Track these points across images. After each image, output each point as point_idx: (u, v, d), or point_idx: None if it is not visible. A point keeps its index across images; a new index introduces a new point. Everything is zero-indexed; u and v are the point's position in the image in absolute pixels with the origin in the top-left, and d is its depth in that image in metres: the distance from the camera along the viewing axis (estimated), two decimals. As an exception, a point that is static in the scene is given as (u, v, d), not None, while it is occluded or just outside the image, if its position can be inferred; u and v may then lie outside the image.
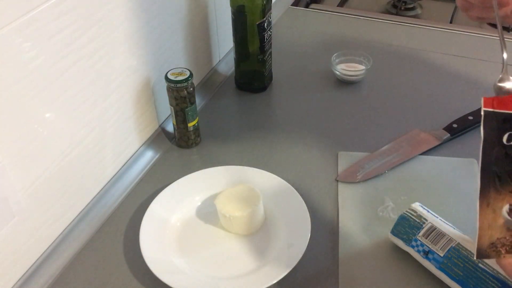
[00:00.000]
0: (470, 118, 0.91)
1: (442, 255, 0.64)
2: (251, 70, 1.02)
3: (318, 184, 0.83)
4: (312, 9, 1.36)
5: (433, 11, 1.40)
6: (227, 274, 0.70)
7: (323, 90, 1.04)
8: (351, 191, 0.81)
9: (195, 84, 0.88)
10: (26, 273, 0.69)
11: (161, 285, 0.66)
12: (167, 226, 0.75)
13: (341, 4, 1.43)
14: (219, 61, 1.11)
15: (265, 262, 0.70)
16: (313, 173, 0.85)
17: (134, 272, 0.71)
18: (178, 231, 0.76)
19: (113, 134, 0.81)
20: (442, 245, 0.65)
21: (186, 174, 0.81)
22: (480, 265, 0.62)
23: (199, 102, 1.00)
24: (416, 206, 0.70)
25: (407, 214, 0.69)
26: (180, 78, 0.82)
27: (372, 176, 0.83)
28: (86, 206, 0.78)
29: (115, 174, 0.84)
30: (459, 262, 0.63)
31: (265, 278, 0.67)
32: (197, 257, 0.72)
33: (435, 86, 1.03)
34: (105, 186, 0.82)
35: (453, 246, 0.64)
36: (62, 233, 0.75)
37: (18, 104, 0.61)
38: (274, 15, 1.26)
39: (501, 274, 0.60)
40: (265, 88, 1.04)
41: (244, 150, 0.90)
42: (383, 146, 0.89)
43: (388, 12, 1.39)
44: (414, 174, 0.84)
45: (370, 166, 0.84)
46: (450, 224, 0.68)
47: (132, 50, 0.80)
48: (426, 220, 0.67)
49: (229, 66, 1.10)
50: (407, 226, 0.68)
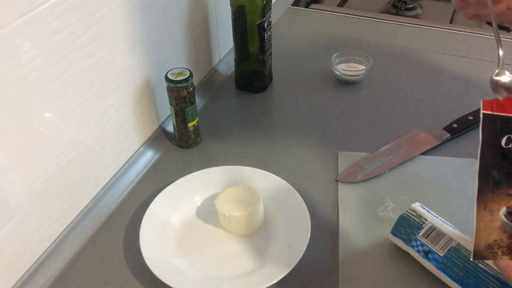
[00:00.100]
0: (470, 118, 0.91)
1: (442, 255, 0.64)
2: (251, 70, 1.02)
3: (318, 184, 0.83)
4: (312, 9, 1.36)
5: (433, 11, 1.40)
6: (227, 274, 0.70)
7: (323, 90, 1.04)
8: (351, 191, 0.81)
9: (195, 84, 0.88)
10: (26, 273, 0.69)
11: (161, 285, 0.66)
12: (167, 226, 0.75)
13: (341, 4, 1.43)
14: (219, 61, 1.11)
15: (265, 262, 0.70)
16: (313, 173, 0.85)
17: (134, 272, 0.71)
18: (178, 231, 0.76)
19: (113, 134, 0.81)
20: (442, 245, 0.65)
21: (186, 174, 0.81)
22: (480, 265, 0.62)
23: (199, 102, 1.00)
24: (416, 206, 0.70)
25: (407, 214, 0.69)
26: (180, 78, 0.82)
27: (372, 176, 0.83)
28: (86, 206, 0.78)
29: (115, 174, 0.84)
30: (459, 262, 0.63)
31: (265, 278, 0.67)
32: (197, 257, 0.72)
33: (435, 86, 1.03)
34: (105, 186, 0.82)
35: (453, 246, 0.64)
36: (62, 233, 0.75)
37: (18, 104, 0.61)
38: (274, 15, 1.26)
39: (501, 274, 0.60)
40: (265, 88, 1.04)
41: (244, 150, 0.90)
42: (383, 146, 0.89)
43: (388, 12, 1.39)
44: (414, 174, 0.84)
45: (370, 166, 0.84)
46: (450, 224, 0.68)
47: (132, 50, 0.80)
48: (426, 220, 0.67)
49: (229, 66, 1.10)
50: (407, 226, 0.68)
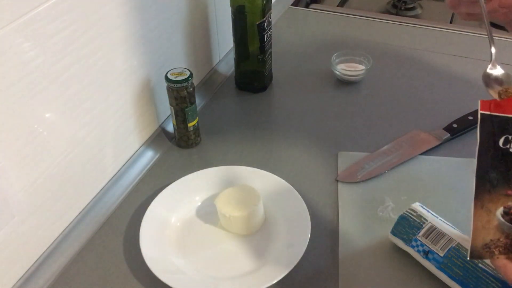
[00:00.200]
0: (470, 118, 0.91)
1: (442, 255, 0.64)
2: (251, 70, 1.02)
3: (318, 184, 0.83)
4: (312, 9, 1.36)
5: (433, 11, 1.40)
6: (227, 274, 0.70)
7: (323, 90, 1.04)
8: (351, 191, 0.81)
9: (195, 84, 0.88)
10: (26, 273, 0.69)
11: (161, 285, 0.66)
12: (167, 226, 0.75)
13: (341, 4, 1.43)
14: (219, 61, 1.11)
15: (265, 262, 0.70)
16: (313, 173, 0.85)
17: (134, 272, 0.71)
18: (178, 231, 0.76)
19: (113, 134, 0.81)
20: (442, 245, 0.65)
21: (186, 174, 0.81)
22: (480, 265, 0.62)
23: (199, 102, 1.00)
24: (416, 206, 0.70)
25: (407, 214, 0.69)
26: (180, 78, 0.82)
27: (372, 176, 0.83)
28: (86, 206, 0.78)
29: (115, 174, 0.84)
30: (459, 262, 0.63)
31: (265, 278, 0.67)
32: (197, 257, 0.72)
33: (435, 86, 1.03)
34: (105, 186, 0.82)
35: (453, 246, 0.64)
36: (62, 233, 0.75)
37: (18, 104, 0.61)
38: (274, 15, 1.26)
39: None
40: (265, 88, 1.04)
41: (244, 150, 0.90)
42: (383, 146, 0.89)
43: (388, 12, 1.39)
44: (414, 174, 0.84)
45: (370, 166, 0.84)
46: (450, 224, 0.68)
47: (132, 50, 0.80)
48: (426, 220, 0.67)
49: (229, 66, 1.10)
50: (407, 226, 0.68)
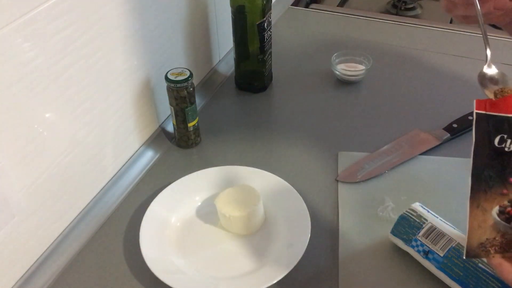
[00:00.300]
0: (470, 118, 0.91)
1: (442, 255, 0.64)
2: (251, 70, 1.02)
3: (318, 184, 0.83)
4: (312, 9, 1.36)
5: (433, 11, 1.40)
6: (227, 274, 0.70)
7: (323, 90, 1.04)
8: (351, 191, 0.81)
9: (195, 84, 0.88)
10: (26, 273, 0.69)
11: (161, 285, 0.66)
12: (167, 226, 0.75)
13: (341, 4, 1.43)
14: (219, 61, 1.11)
15: (265, 262, 0.70)
16: (313, 173, 0.85)
17: (134, 272, 0.71)
18: (178, 231, 0.76)
19: (113, 134, 0.81)
20: (442, 245, 0.65)
21: (186, 174, 0.81)
22: (480, 265, 0.62)
23: (199, 102, 1.00)
24: (416, 206, 0.70)
25: (407, 214, 0.69)
26: (180, 78, 0.82)
27: (372, 176, 0.83)
28: (86, 206, 0.78)
29: (115, 174, 0.84)
30: (459, 262, 0.63)
31: (265, 278, 0.67)
32: (197, 257, 0.72)
33: (435, 86, 1.03)
34: (105, 186, 0.82)
35: (453, 246, 0.64)
36: (62, 233, 0.75)
37: (18, 104, 0.61)
38: (274, 15, 1.26)
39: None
40: (265, 88, 1.04)
41: (244, 150, 0.90)
42: (383, 146, 0.89)
43: (388, 12, 1.39)
44: (414, 174, 0.84)
45: (370, 166, 0.84)
46: (450, 224, 0.68)
47: (132, 50, 0.80)
48: (426, 220, 0.67)
49: (229, 66, 1.10)
50: (407, 226, 0.68)
